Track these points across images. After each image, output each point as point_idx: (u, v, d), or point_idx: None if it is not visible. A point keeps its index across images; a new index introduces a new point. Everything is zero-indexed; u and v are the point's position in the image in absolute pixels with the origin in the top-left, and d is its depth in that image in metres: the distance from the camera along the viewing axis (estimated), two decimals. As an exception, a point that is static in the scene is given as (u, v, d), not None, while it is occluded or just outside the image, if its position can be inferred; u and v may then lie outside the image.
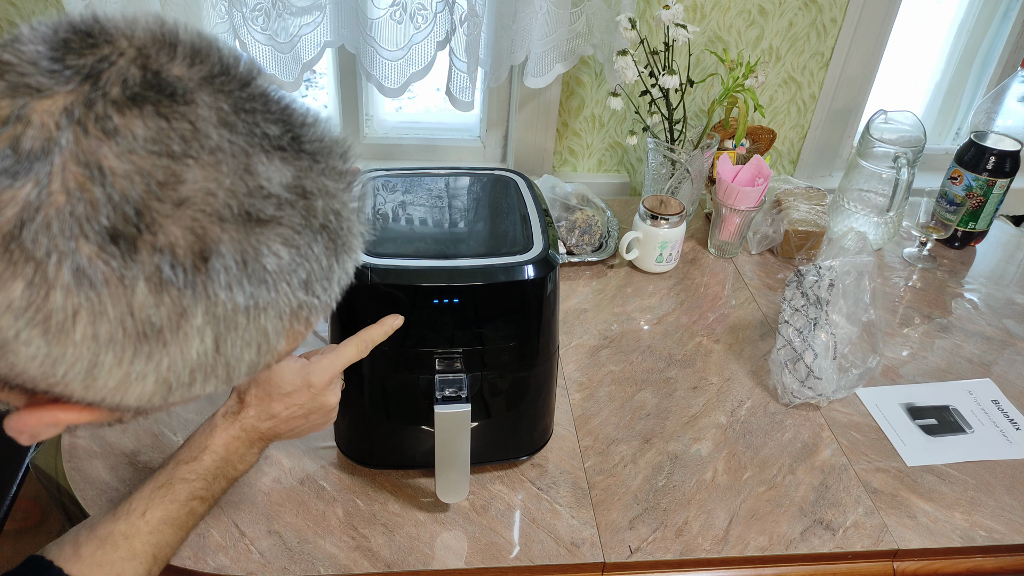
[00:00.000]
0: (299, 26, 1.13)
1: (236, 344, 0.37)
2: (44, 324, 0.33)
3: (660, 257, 1.15)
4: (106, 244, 0.32)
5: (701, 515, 0.81)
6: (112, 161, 0.32)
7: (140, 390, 0.36)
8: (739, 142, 1.28)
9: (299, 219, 0.37)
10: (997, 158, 1.19)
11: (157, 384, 0.36)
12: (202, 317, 0.35)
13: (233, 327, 0.36)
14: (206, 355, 0.36)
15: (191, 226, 0.33)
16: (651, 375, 0.98)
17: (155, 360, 0.35)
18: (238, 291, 0.35)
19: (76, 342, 0.33)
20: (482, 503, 0.80)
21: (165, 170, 0.33)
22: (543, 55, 1.20)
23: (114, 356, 0.34)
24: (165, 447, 0.83)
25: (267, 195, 0.36)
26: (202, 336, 0.35)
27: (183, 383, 0.37)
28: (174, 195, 0.33)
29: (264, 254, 0.36)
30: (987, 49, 1.44)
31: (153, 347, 0.35)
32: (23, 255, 0.32)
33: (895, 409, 0.96)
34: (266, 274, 0.36)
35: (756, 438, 0.90)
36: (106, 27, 0.35)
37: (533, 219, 0.75)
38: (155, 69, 0.35)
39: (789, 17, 1.29)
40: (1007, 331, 1.11)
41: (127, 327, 0.34)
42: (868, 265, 0.96)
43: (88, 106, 0.32)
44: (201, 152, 0.34)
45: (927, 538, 0.80)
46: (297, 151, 0.37)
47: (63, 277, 0.32)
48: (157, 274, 0.33)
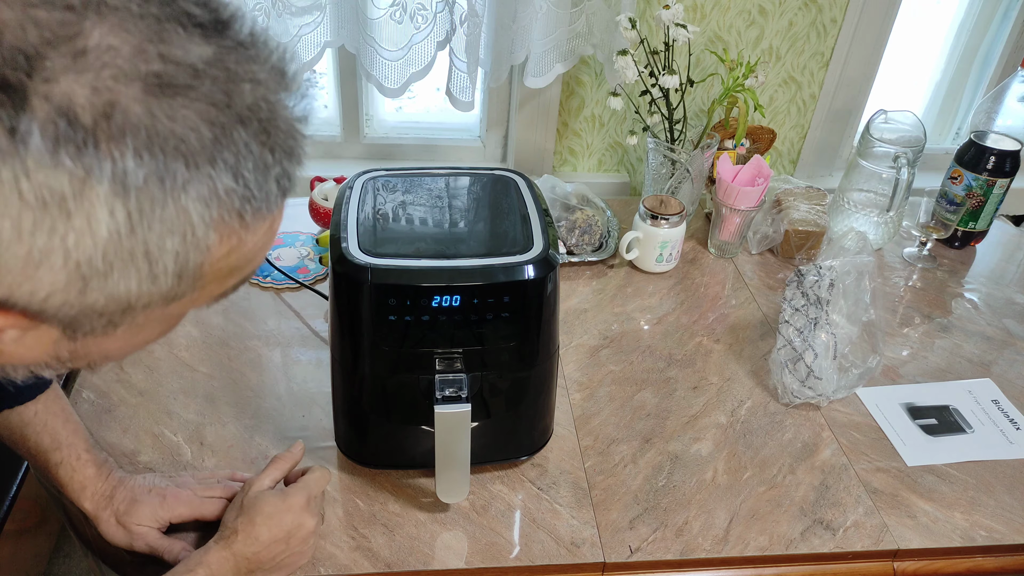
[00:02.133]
0: (299, 26, 1.13)
1: (154, 226, 0.33)
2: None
3: (660, 257, 1.15)
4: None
5: (701, 515, 0.81)
6: (4, 12, 0.30)
7: (50, 277, 0.33)
8: (739, 142, 1.28)
9: (220, 96, 0.33)
10: (997, 158, 1.19)
11: (68, 269, 0.32)
12: (108, 185, 0.31)
13: (148, 203, 0.32)
14: (119, 235, 0.32)
15: (91, 82, 0.31)
16: (651, 375, 0.98)
17: (59, 234, 0.32)
18: (149, 160, 0.32)
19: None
20: (482, 503, 0.80)
21: (62, 22, 0.30)
22: (543, 55, 1.20)
23: (11, 226, 0.31)
24: (165, 447, 0.83)
25: (180, 63, 0.33)
26: (112, 210, 0.32)
27: (97, 270, 0.33)
28: (71, 47, 0.30)
29: (178, 124, 0.32)
30: (987, 49, 1.44)
31: (56, 218, 0.31)
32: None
33: (895, 409, 0.96)
34: (183, 146, 0.32)
35: (756, 438, 0.90)
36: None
37: (533, 219, 0.75)
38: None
39: (789, 17, 1.29)
40: (1007, 331, 1.11)
41: (23, 190, 0.30)
42: (868, 265, 0.96)
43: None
44: (105, 10, 0.31)
45: (927, 538, 0.80)
46: (221, 33, 0.34)
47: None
48: (53, 129, 0.30)
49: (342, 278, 0.69)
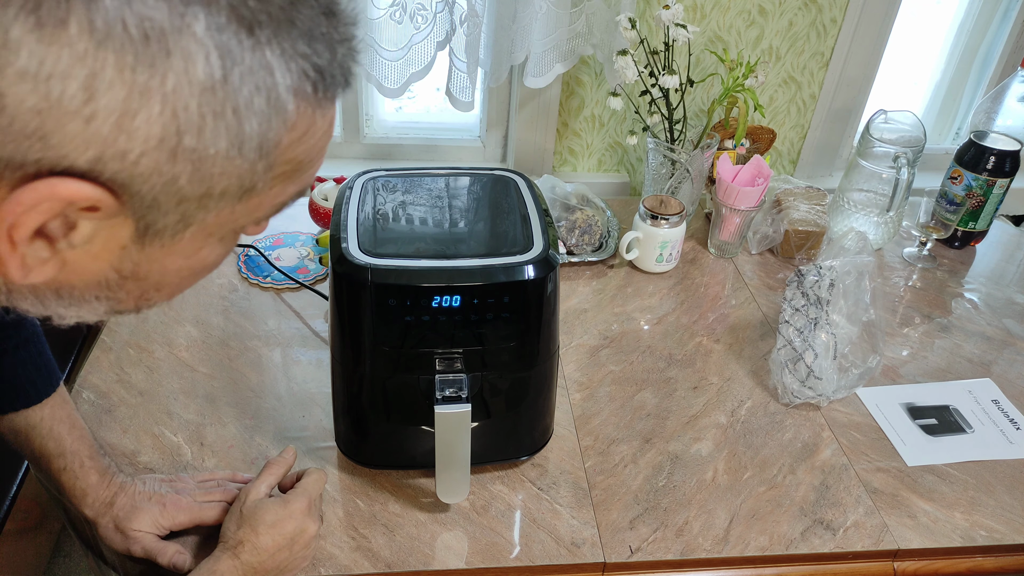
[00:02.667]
0: (299, 26, 1.13)
1: (245, 80, 0.32)
2: (34, 13, 0.28)
3: (660, 257, 1.15)
4: None
5: (701, 515, 0.81)
6: None
7: (146, 129, 0.31)
8: (739, 142, 1.28)
9: None
10: (997, 158, 1.19)
11: (163, 118, 0.31)
12: (204, 23, 0.31)
13: (239, 51, 0.32)
14: (213, 81, 0.32)
15: None
16: (651, 375, 0.98)
17: (160, 72, 0.30)
18: (240, 4, 0.31)
19: (71, 39, 0.29)
20: (482, 503, 0.80)
21: None
22: (543, 55, 1.20)
23: (115, 60, 0.30)
24: (165, 447, 0.83)
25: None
26: (207, 52, 0.31)
27: (192, 122, 0.32)
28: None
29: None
30: (987, 49, 1.44)
31: (156, 54, 0.30)
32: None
33: (895, 409, 0.96)
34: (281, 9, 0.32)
35: (756, 438, 0.90)
36: None
37: (533, 219, 0.75)
38: None
39: (789, 17, 1.29)
40: (1007, 331, 1.11)
41: (128, 21, 0.29)
42: (868, 265, 0.96)
43: None
44: None
45: (927, 538, 0.80)
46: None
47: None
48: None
49: (342, 278, 0.69)
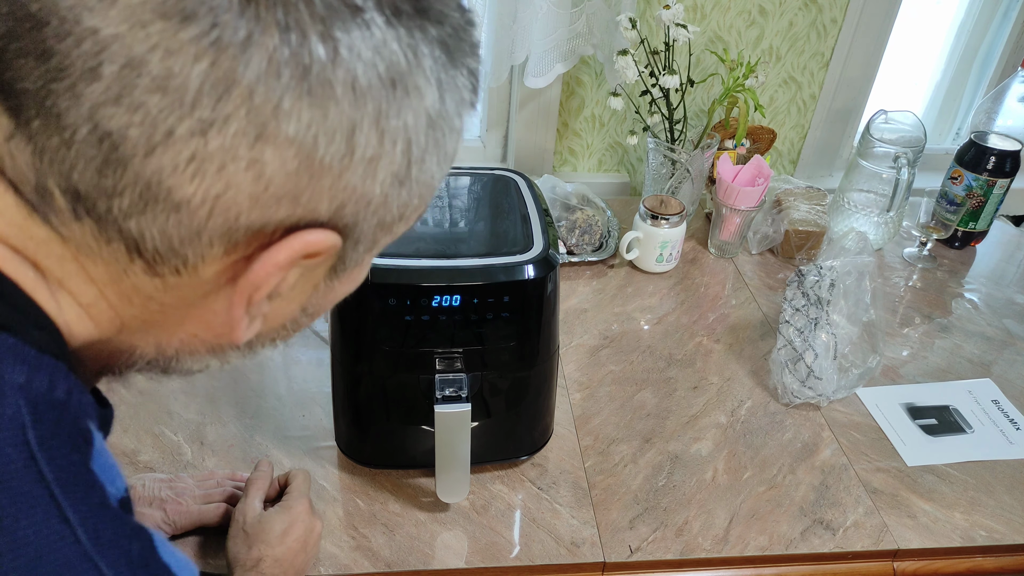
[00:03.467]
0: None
1: (451, 103, 0.35)
2: (304, 79, 0.30)
3: (660, 257, 1.15)
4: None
5: (701, 515, 0.81)
6: None
7: (390, 165, 0.34)
8: (739, 142, 1.28)
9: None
10: (997, 158, 1.19)
11: (402, 153, 0.34)
12: (428, 57, 0.33)
13: (447, 79, 0.34)
14: (436, 110, 0.34)
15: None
16: (651, 375, 0.98)
17: (404, 115, 0.33)
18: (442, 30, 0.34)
19: (338, 99, 0.31)
20: (482, 503, 0.80)
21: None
22: (543, 55, 1.20)
23: (373, 107, 0.32)
24: (165, 447, 0.83)
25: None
26: (430, 80, 0.33)
27: (420, 153, 0.34)
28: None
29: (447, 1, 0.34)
30: (987, 49, 1.44)
31: (400, 96, 0.32)
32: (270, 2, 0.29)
33: (895, 409, 0.96)
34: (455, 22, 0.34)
35: (756, 438, 0.90)
36: None
37: (533, 219, 0.75)
38: None
39: (789, 17, 1.29)
40: (1007, 331, 1.11)
41: (379, 69, 0.31)
42: (868, 265, 0.96)
43: None
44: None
45: (927, 538, 0.80)
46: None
47: (316, 14, 0.29)
48: (393, 5, 0.31)
49: (342, 278, 0.69)
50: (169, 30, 0.28)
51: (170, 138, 0.30)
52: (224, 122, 0.30)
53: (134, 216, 0.31)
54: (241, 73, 0.29)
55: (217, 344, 0.39)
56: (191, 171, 0.30)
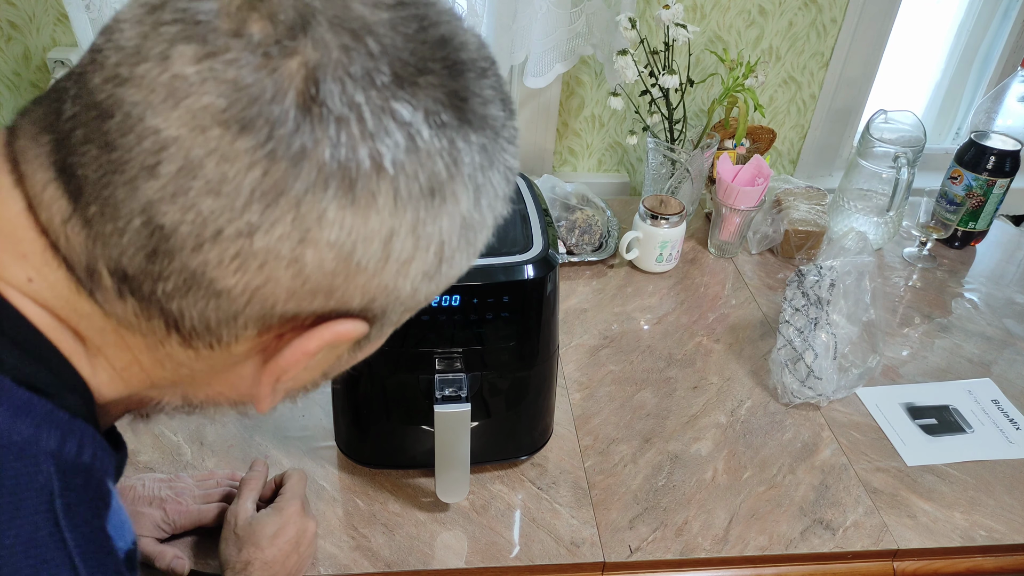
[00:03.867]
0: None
1: (487, 200, 0.36)
2: (349, 192, 0.31)
3: (660, 257, 1.15)
4: (395, 90, 0.31)
5: (701, 515, 0.81)
6: (368, 14, 0.32)
7: (422, 265, 0.35)
8: (739, 142, 1.28)
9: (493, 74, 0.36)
10: (997, 158, 1.19)
11: (435, 254, 0.35)
12: (468, 164, 0.34)
13: (484, 181, 0.35)
14: (470, 212, 0.35)
15: (446, 64, 0.33)
16: (651, 375, 0.98)
17: (440, 221, 0.34)
18: (484, 136, 0.35)
19: (379, 207, 0.32)
20: (482, 503, 0.80)
21: (416, 17, 0.33)
22: (543, 55, 1.20)
23: (412, 218, 0.33)
24: (165, 447, 0.83)
25: (478, 47, 0.36)
26: (467, 188, 0.35)
27: (451, 251, 0.36)
28: (429, 36, 0.33)
29: (491, 102, 0.35)
30: (987, 49, 1.44)
31: (439, 204, 0.34)
32: (324, 119, 0.30)
33: (895, 409, 0.96)
34: (497, 126, 0.36)
35: (756, 438, 0.90)
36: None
37: (533, 219, 0.75)
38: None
39: (789, 17, 1.29)
40: (1007, 331, 1.11)
41: (421, 181, 0.33)
42: (868, 265, 0.96)
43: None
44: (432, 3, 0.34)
45: (927, 538, 0.80)
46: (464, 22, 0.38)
47: (368, 134, 0.31)
48: (437, 117, 0.32)
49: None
50: (227, 137, 0.30)
51: (218, 237, 0.31)
52: (271, 226, 0.31)
53: (176, 298, 0.33)
54: (291, 184, 0.31)
55: (240, 401, 0.42)
56: (235, 266, 0.32)
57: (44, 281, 0.34)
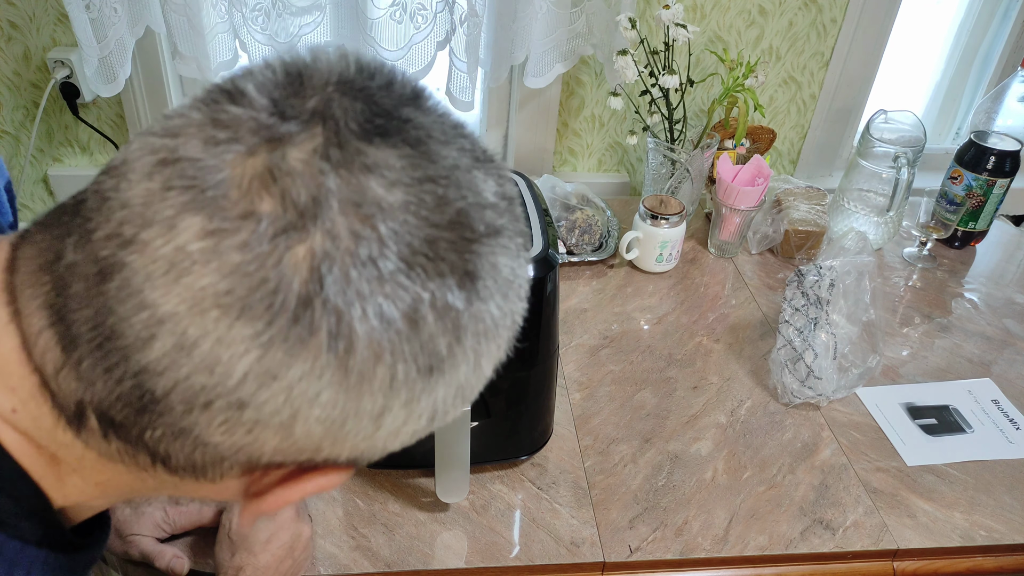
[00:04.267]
0: (299, 26, 1.13)
1: (487, 359, 0.36)
2: (345, 379, 0.31)
3: (660, 257, 1.15)
4: (400, 279, 0.31)
5: (701, 515, 0.81)
6: (383, 194, 0.31)
7: (412, 429, 0.35)
8: (739, 142, 1.28)
9: (510, 226, 0.36)
10: (997, 158, 1.19)
11: (428, 419, 0.35)
12: (471, 337, 0.34)
13: (488, 341, 0.35)
14: (469, 375, 0.35)
15: (458, 245, 0.32)
16: (651, 375, 0.98)
17: (435, 393, 0.34)
18: (493, 305, 0.34)
19: (373, 391, 0.32)
20: (482, 503, 0.80)
21: (431, 194, 0.32)
22: (543, 55, 1.20)
23: (406, 395, 0.33)
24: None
25: (491, 205, 0.35)
26: (468, 357, 0.34)
27: (441, 414, 0.36)
28: (442, 217, 0.32)
29: (501, 263, 0.34)
30: (987, 49, 1.44)
31: (436, 379, 0.33)
32: (325, 310, 0.30)
33: (895, 409, 0.96)
34: (506, 284, 0.35)
35: (756, 438, 0.90)
36: (304, 64, 0.34)
37: (533, 219, 0.75)
38: (370, 97, 0.33)
39: (789, 17, 1.29)
40: (1007, 331, 1.11)
41: (419, 362, 0.32)
42: (868, 265, 0.96)
43: (341, 147, 0.31)
44: (451, 172, 0.33)
45: (927, 538, 0.80)
46: (485, 159, 0.36)
47: (367, 323, 0.30)
48: (443, 299, 0.32)
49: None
50: (225, 321, 0.30)
51: (208, 406, 0.31)
52: (261, 404, 0.31)
53: (163, 443, 0.33)
54: (285, 372, 0.31)
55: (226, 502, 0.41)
56: (223, 429, 0.32)
57: (28, 413, 0.34)
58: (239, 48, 1.15)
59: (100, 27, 1.05)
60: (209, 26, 1.11)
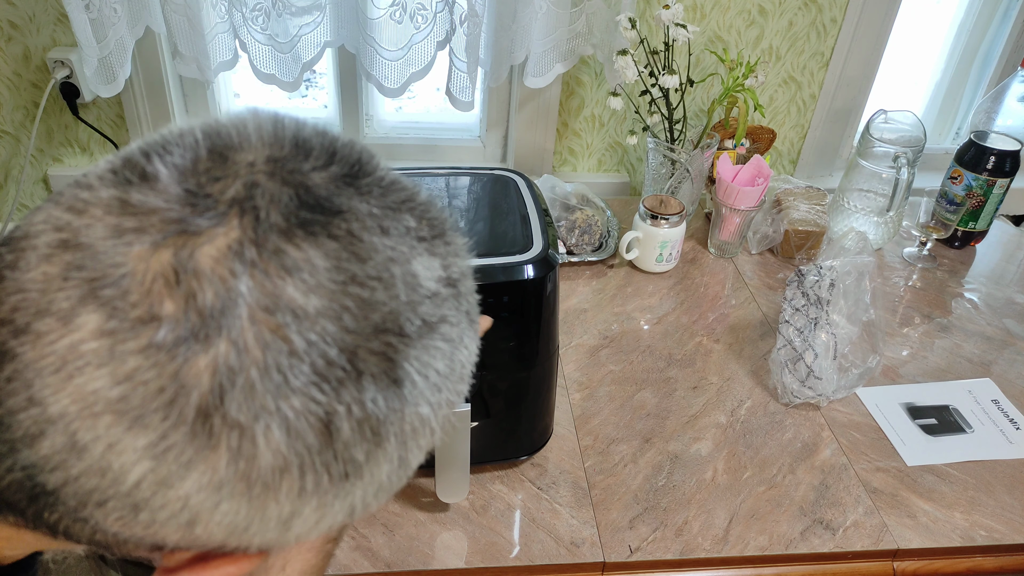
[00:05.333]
0: (299, 26, 1.13)
1: (415, 453, 0.34)
2: (248, 491, 0.30)
3: (660, 257, 1.15)
4: (313, 393, 0.29)
5: (701, 515, 0.81)
6: (300, 300, 0.29)
7: (328, 524, 0.33)
8: (739, 142, 1.28)
9: (453, 311, 0.34)
10: (997, 158, 1.19)
11: (344, 514, 0.33)
12: (394, 440, 0.32)
13: (416, 438, 0.33)
14: (392, 473, 0.33)
15: (384, 351, 0.30)
16: (651, 375, 0.98)
17: (352, 495, 0.32)
18: (423, 404, 0.32)
19: (280, 500, 0.30)
20: (482, 503, 0.80)
21: (355, 298, 0.30)
22: (543, 55, 1.20)
23: (317, 502, 0.31)
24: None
25: (430, 295, 0.32)
26: (391, 457, 0.33)
27: (366, 506, 0.34)
28: (367, 323, 0.30)
29: (436, 359, 0.33)
30: (987, 49, 1.44)
31: (352, 483, 0.32)
32: (226, 425, 0.28)
33: (895, 409, 0.96)
34: (440, 378, 0.33)
35: (756, 438, 0.90)
36: (229, 137, 0.32)
37: (533, 219, 0.75)
38: (300, 182, 0.31)
39: (789, 17, 1.29)
40: (1007, 331, 1.11)
41: (332, 471, 0.31)
42: (868, 265, 0.96)
43: (258, 245, 0.29)
44: (379, 270, 0.31)
45: (927, 538, 0.80)
46: (432, 238, 0.34)
47: (273, 438, 0.29)
48: (361, 410, 0.30)
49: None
50: (117, 429, 0.28)
51: (103, 504, 0.30)
52: (158, 509, 0.30)
53: (62, 524, 0.32)
54: (180, 483, 0.29)
55: None
56: (120, 523, 0.31)
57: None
58: (239, 48, 1.15)
59: (100, 27, 1.05)
60: (209, 26, 1.11)
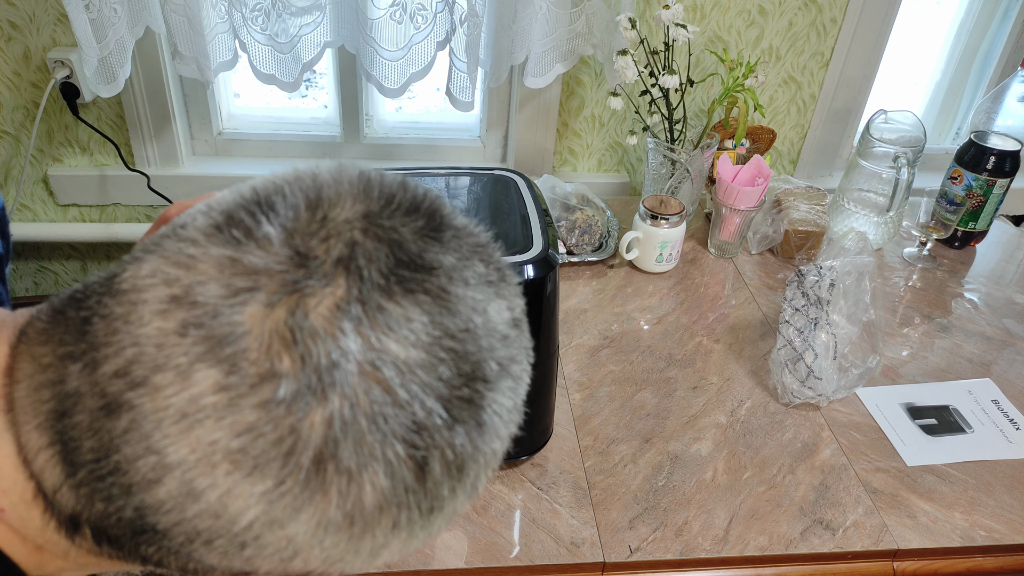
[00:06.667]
0: (299, 26, 1.13)
1: (483, 482, 0.36)
2: (350, 528, 0.32)
3: (660, 257, 1.15)
4: (413, 439, 0.31)
5: (701, 515, 0.81)
6: (402, 354, 0.31)
7: (407, 552, 0.36)
8: (739, 142, 1.28)
9: (519, 351, 0.36)
10: (997, 158, 1.19)
11: (422, 543, 0.36)
12: (472, 475, 0.34)
13: (487, 470, 0.36)
14: (465, 502, 0.36)
15: (472, 397, 0.33)
16: (651, 375, 0.98)
17: (433, 525, 0.35)
18: (496, 441, 0.35)
19: (375, 535, 0.33)
20: (482, 503, 0.80)
21: (448, 351, 0.32)
22: (543, 55, 1.20)
23: (406, 535, 0.34)
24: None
25: (502, 338, 0.35)
26: (467, 490, 0.35)
27: (439, 532, 0.36)
28: (458, 373, 0.32)
29: (507, 397, 0.35)
30: (987, 49, 1.44)
31: (436, 515, 0.34)
32: (338, 472, 0.30)
33: (895, 409, 0.96)
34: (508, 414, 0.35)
35: (756, 438, 0.90)
36: (324, 194, 0.33)
37: (533, 219, 0.75)
38: (394, 239, 0.33)
39: (789, 17, 1.29)
40: (1007, 331, 1.11)
41: (422, 507, 0.33)
42: (868, 265, 0.96)
43: (363, 302, 0.31)
44: (466, 321, 0.33)
45: (927, 538, 0.80)
46: (499, 281, 0.36)
47: (377, 482, 0.31)
48: (452, 452, 0.32)
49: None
50: (235, 476, 0.30)
51: (210, 544, 0.32)
52: (264, 545, 0.32)
53: (158, 555, 0.34)
54: (290, 523, 0.31)
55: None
56: (219, 557, 0.33)
57: (17, 514, 0.34)
58: (239, 48, 1.15)
59: (100, 27, 1.05)
60: (209, 26, 1.11)
